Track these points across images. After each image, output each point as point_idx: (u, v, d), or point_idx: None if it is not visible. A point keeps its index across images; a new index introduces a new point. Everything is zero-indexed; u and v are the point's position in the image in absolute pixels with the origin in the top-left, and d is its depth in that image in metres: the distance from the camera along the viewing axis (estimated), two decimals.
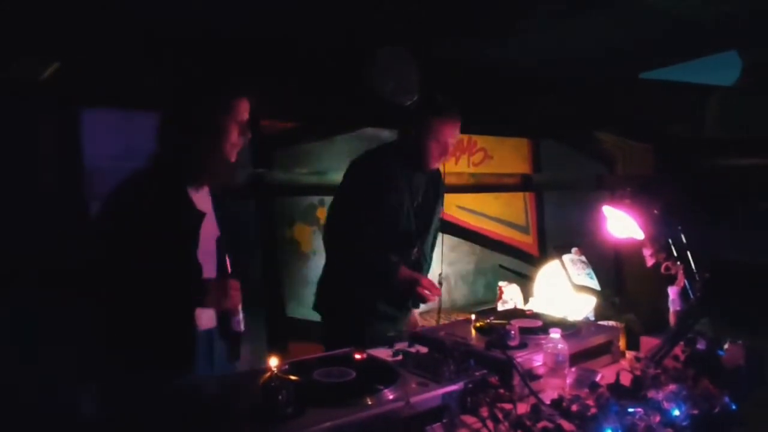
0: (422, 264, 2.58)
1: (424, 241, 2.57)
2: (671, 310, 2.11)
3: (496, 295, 2.65)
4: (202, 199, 1.85)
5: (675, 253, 2.02)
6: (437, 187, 2.63)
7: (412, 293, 2.40)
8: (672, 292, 2.09)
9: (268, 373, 1.28)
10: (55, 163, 2.87)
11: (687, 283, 2.01)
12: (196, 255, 1.77)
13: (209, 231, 1.84)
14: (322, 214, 3.83)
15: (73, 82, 2.88)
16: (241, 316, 1.79)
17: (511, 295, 2.60)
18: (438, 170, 2.63)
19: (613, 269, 5.16)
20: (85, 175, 2.91)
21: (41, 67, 2.87)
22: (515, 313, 2.21)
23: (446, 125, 2.37)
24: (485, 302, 4.21)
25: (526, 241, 5.05)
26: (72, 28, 2.77)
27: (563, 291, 2.59)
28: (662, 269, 2.09)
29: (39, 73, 2.88)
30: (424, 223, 2.55)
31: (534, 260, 4.88)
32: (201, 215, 1.80)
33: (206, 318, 1.83)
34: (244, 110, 1.81)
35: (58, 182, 2.88)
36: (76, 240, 2.73)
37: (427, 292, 2.39)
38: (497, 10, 3.14)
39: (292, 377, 1.32)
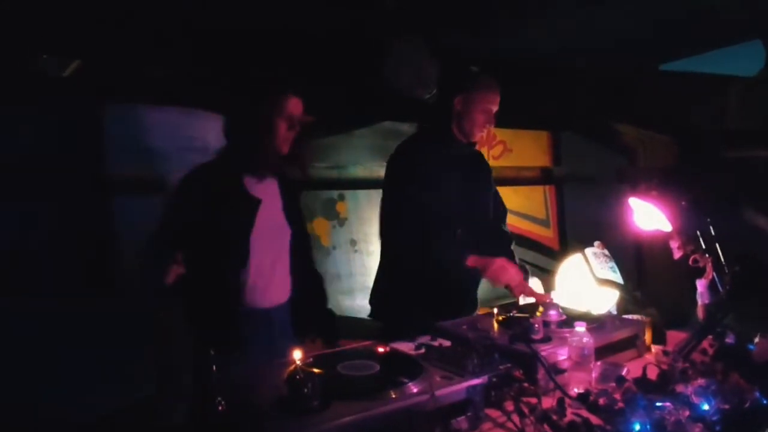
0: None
1: (470, 225, 2.42)
2: (699, 303, 2.06)
3: None
4: (262, 188, 1.98)
5: (703, 246, 1.98)
6: (480, 168, 2.56)
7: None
8: (700, 285, 2.05)
9: (292, 366, 1.27)
10: (78, 161, 2.91)
11: (716, 276, 1.97)
12: (248, 239, 1.89)
13: (268, 218, 1.97)
14: (341, 208, 3.82)
15: (95, 79, 2.91)
16: None
17: None
18: (478, 151, 2.58)
19: (634, 263, 5.10)
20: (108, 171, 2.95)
21: (63, 65, 2.92)
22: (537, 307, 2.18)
23: (489, 94, 2.35)
24: (505, 296, 4.18)
25: (547, 234, 5.00)
26: (92, 25, 2.80)
27: (585, 285, 2.56)
28: (690, 262, 2.04)
29: (61, 71, 2.92)
30: (467, 204, 2.44)
31: (555, 254, 4.83)
32: (257, 201, 1.93)
33: (261, 297, 1.94)
34: (292, 106, 1.93)
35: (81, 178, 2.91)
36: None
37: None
38: None
39: (316, 370, 1.31)
